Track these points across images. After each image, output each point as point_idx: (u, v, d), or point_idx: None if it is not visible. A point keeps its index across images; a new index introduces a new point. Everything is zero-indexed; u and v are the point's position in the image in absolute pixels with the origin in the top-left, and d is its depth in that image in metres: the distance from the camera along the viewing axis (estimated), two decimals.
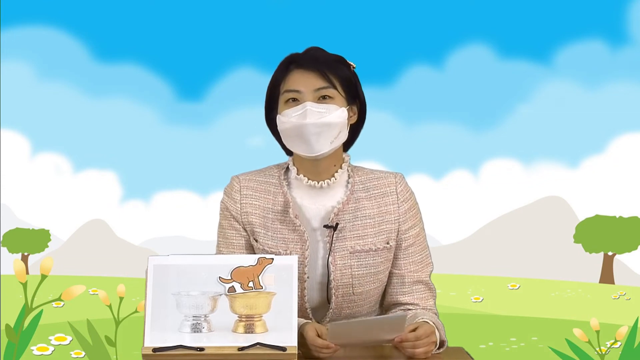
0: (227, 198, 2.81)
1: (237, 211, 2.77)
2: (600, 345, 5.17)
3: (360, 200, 2.75)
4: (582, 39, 5.31)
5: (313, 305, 2.76)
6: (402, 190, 2.77)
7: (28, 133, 5.29)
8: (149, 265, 2.49)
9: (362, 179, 2.77)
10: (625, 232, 5.36)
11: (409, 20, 5.25)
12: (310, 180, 2.74)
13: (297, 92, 2.69)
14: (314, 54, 2.72)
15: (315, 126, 2.66)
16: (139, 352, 2.44)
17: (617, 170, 5.33)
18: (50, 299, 5.04)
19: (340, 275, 2.72)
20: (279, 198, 2.75)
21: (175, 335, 2.43)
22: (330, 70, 2.69)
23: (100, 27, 5.26)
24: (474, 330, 5.30)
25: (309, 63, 2.70)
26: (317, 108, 2.67)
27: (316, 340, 2.52)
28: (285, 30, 5.21)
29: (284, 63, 2.75)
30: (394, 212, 2.76)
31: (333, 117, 2.67)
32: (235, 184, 2.81)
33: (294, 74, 2.71)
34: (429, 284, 2.82)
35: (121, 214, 5.33)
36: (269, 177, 2.79)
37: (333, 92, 2.69)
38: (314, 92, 2.68)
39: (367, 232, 2.74)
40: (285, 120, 2.70)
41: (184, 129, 5.32)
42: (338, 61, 2.73)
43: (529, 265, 5.37)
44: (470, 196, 5.36)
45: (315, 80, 2.69)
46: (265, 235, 2.74)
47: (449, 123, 5.32)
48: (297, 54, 2.76)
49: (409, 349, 2.56)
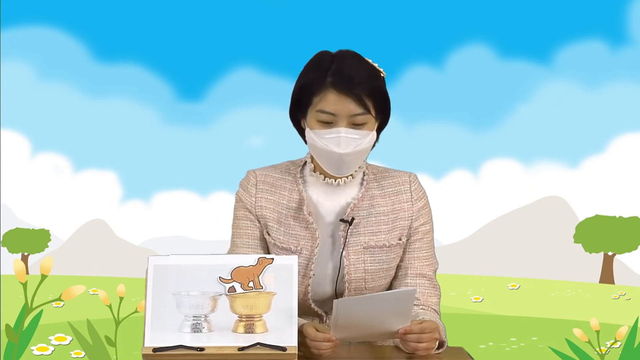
0: (242, 191, 2.84)
1: (252, 204, 2.81)
2: (600, 345, 5.17)
3: (374, 198, 2.80)
4: (582, 39, 5.31)
5: (323, 298, 2.79)
6: (415, 189, 2.83)
7: (28, 133, 5.29)
8: (149, 265, 2.50)
9: (377, 176, 2.82)
10: (625, 232, 5.36)
11: (409, 20, 5.25)
12: (327, 177, 2.78)
13: (331, 115, 2.68)
14: (350, 73, 2.68)
15: (348, 155, 2.69)
16: (139, 352, 2.44)
17: (617, 170, 5.33)
18: (50, 299, 5.04)
19: (354, 270, 2.76)
20: (294, 195, 2.79)
21: (175, 335, 2.43)
22: (365, 94, 2.68)
23: (100, 27, 5.26)
24: (474, 330, 5.30)
25: (345, 86, 2.67)
26: (351, 134, 2.68)
27: (317, 335, 2.53)
28: (285, 30, 5.21)
29: (321, 72, 2.70)
30: (407, 209, 2.81)
31: (365, 143, 2.70)
32: (252, 177, 2.84)
33: (329, 94, 2.68)
34: (432, 281, 2.84)
35: (121, 214, 5.33)
36: (285, 173, 2.82)
37: (367, 117, 2.69)
38: (348, 117, 2.68)
39: (381, 229, 2.78)
40: (316, 139, 2.70)
41: (184, 129, 5.32)
42: (372, 76, 2.72)
43: (529, 265, 5.37)
44: (470, 196, 5.36)
45: (352, 106, 2.67)
46: (277, 230, 2.78)
47: (449, 123, 5.32)
48: (333, 62, 2.71)
49: (412, 343, 2.57)
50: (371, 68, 2.73)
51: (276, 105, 5.16)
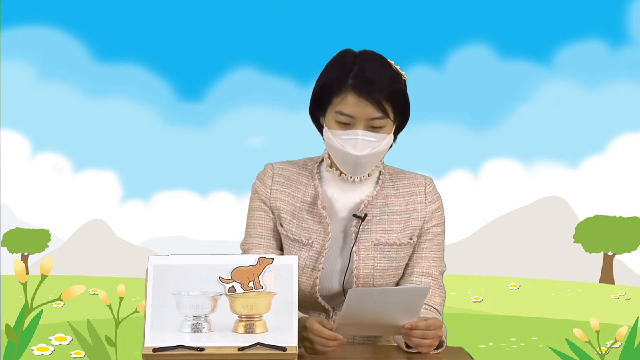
0: (258, 182, 2.87)
1: (267, 195, 2.84)
2: (600, 345, 5.17)
3: (389, 197, 2.82)
4: (582, 39, 5.31)
5: (331, 293, 2.80)
6: (430, 192, 2.86)
7: (28, 133, 5.29)
8: (149, 265, 2.50)
9: (393, 177, 2.85)
10: (625, 232, 5.36)
11: (409, 20, 5.25)
12: (342, 174, 2.80)
13: (350, 117, 2.70)
14: (371, 77, 2.70)
15: (364, 157, 2.72)
16: (139, 352, 2.44)
17: (617, 170, 5.33)
18: (50, 299, 5.04)
19: (363, 266, 2.78)
20: (310, 190, 2.82)
21: (175, 335, 2.43)
22: (385, 98, 2.70)
23: (100, 27, 5.26)
24: (474, 330, 5.30)
25: (365, 89, 2.68)
26: (368, 137, 2.70)
27: (323, 332, 2.53)
28: (285, 30, 5.21)
29: (343, 73, 2.72)
30: (420, 210, 2.84)
31: (382, 146, 2.73)
32: (269, 170, 2.87)
33: (349, 97, 2.70)
34: (438, 281, 2.85)
35: (121, 214, 5.33)
36: (302, 168, 2.85)
37: (386, 121, 2.72)
38: (366, 121, 2.70)
39: (393, 228, 2.80)
40: (333, 139, 2.73)
41: (184, 129, 5.32)
42: (393, 80, 2.73)
43: (529, 265, 5.37)
44: (470, 196, 5.36)
45: (370, 110, 2.70)
46: (290, 222, 2.80)
47: (449, 123, 5.32)
48: (355, 64, 2.72)
49: (416, 339, 2.57)
50: (393, 71, 2.75)
51: (276, 105, 5.16)
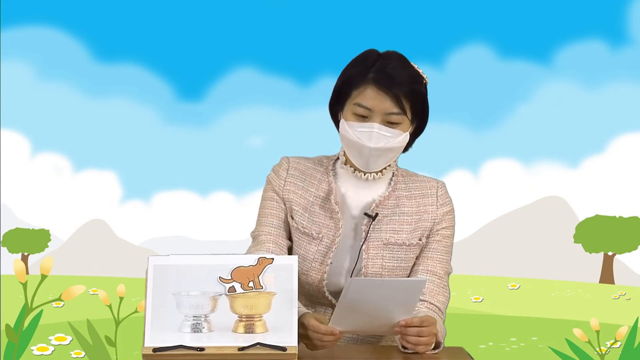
0: (273, 174, 2.90)
1: (280, 187, 2.86)
2: (600, 345, 5.17)
3: (400, 198, 2.84)
4: (582, 39, 5.31)
5: (337, 289, 2.79)
6: (442, 195, 2.90)
7: (28, 133, 5.28)
8: (149, 265, 2.50)
9: (405, 179, 2.88)
10: (625, 232, 5.36)
11: (409, 20, 5.25)
12: (356, 171, 2.82)
13: (367, 109, 2.73)
14: (392, 73, 2.73)
15: (378, 150, 2.74)
16: (139, 352, 2.44)
17: (617, 170, 5.33)
18: (50, 299, 5.04)
19: (371, 264, 2.80)
20: (324, 185, 2.84)
21: (176, 335, 2.43)
22: (404, 94, 2.72)
23: (100, 27, 5.26)
24: (474, 330, 5.29)
25: (385, 83, 2.72)
26: (384, 131, 2.73)
27: (319, 327, 2.55)
28: (285, 30, 5.21)
29: (364, 68, 2.76)
30: (431, 212, 2.86)
31: (396, 143, 2.76)
32: (284, 163, 2.90)
33: (369, 89, 2.73)
34: (443, 280, 2.87)
35: (121, 214, 5.33)
36: (317, 164, 2.88)
37: (402, 117, 2.74)
38: (383, 115, 2.73)
39: (404, 228, 2.82)
40: (349, 131, 2.75)
41: (184, 129, 5.32)
42: (413, 79, 2.76)
43: (529, 265, 5.37)
44: (470, 196, 5.36)
45: (388, 104, 2.72)
46: (302, 216, 2.83)
47: (449, 123, 5.32)
48: (378, 61, 2.76)
49: (414, 337, 2.57)
50: (414, 72, 2.78)
51: (276, 105, 5.16)
